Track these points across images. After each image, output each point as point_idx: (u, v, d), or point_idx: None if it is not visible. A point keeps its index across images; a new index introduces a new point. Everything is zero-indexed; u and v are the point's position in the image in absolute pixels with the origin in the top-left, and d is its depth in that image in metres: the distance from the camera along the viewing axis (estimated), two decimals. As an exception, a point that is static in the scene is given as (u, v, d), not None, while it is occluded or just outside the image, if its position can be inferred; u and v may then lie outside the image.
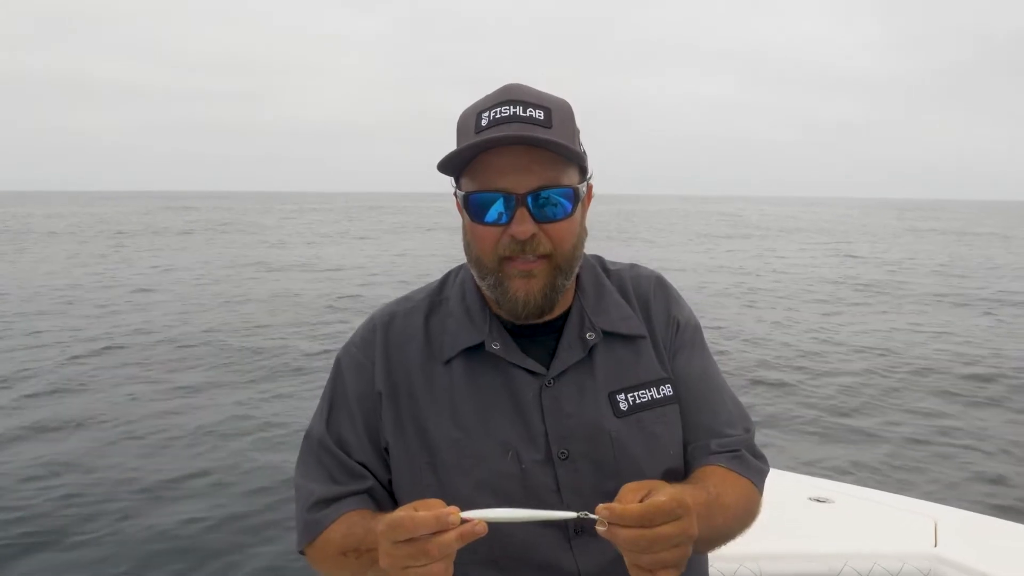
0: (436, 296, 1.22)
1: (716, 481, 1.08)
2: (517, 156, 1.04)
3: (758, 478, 1.16)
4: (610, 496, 0.95)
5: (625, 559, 0.88)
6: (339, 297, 13.93)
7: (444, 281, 1.25)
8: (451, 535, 0.85)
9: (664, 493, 0.87)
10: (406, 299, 1.24)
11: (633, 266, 1.28)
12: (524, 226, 1.04)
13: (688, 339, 1.22)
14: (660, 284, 1.25)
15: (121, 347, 9.54)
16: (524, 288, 1.08)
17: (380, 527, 0.89)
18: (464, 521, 0.86)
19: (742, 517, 1.12)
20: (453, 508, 0.86)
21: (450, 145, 1.09)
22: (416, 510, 0.88)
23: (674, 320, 1.21)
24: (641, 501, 0.88)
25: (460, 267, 1.25)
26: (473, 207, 1.07)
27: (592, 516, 0.88)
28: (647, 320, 1.20)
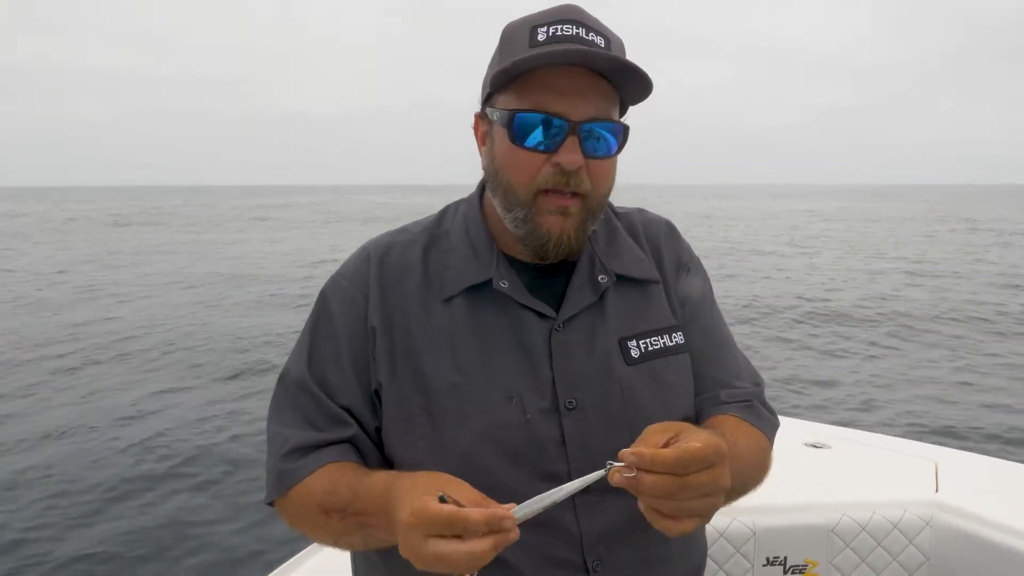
0: (435, 229, 1.12)
1: (729, 430, 1.03)
2: (576, 79, 0.95)
3: (770, 430, 1.12)
4: (617, 451, 0.86)
5: (642, 504, 0.81)
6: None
7: (443, 215, 1.15)
8: (487, 544, 0.77)
9: (698, 439, 0.80)
10: (402, 230, 1.14)
11: (642, 211, 1.21)
12: (574, 155, 0.95)
13: (698, 287, 1.16)
14: (671, 229, 1.19)
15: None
16: (559, 226, 0.99)
17: (404, 516, 0.81)
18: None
19: (756, 469, 1.07)
20: (507, 511, 0.78)
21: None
22: (443, 494, 0.80)
23: (684, 266, 1.16)
24: (667, 444, 0.81)
25: (459, 201, 1.16)
26: (518, 127, 0.96)
27: (615, 463, 0.80)
28: (658, 265, 1.14)
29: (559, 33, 0.96)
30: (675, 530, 0.81)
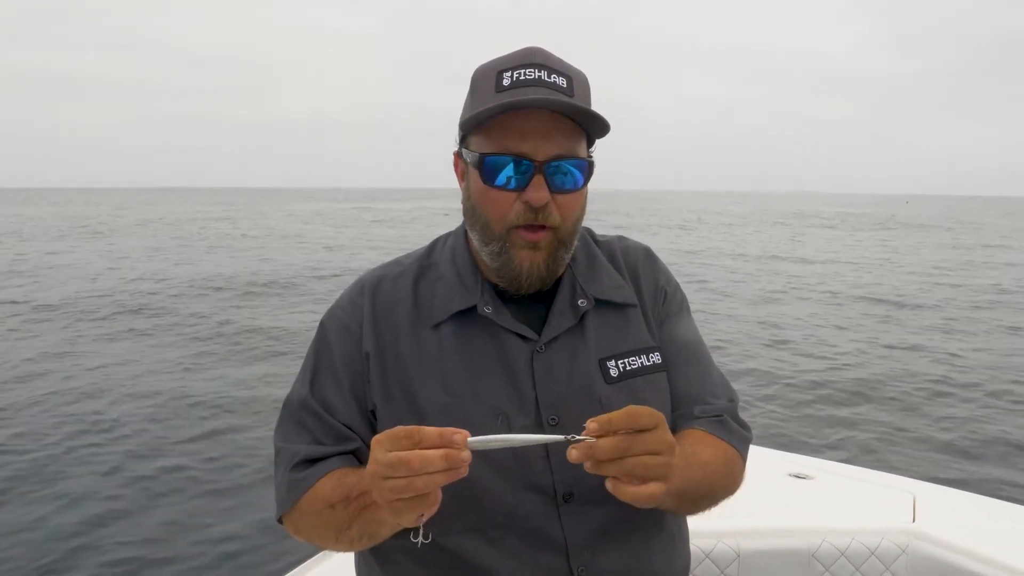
0: (425, 261, 1.20)
1: (692, 441, 1.09)
2: (540, 121, 1.03)
3: (740, 444, 1.17)
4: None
5: (607, 473, 0.86)
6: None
7: (432, 247, 1.23)
8: (437, 452, 0.83)
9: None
10: (394, 263, 1.22)
11: (621, 238, 1.29)
12: (540, 192, 1.03)
13: (675, 310, 1.23)
14: (648, 255, 1.26)
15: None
16: (529, 259, 1.07)
17: (379, 437, 0.87)
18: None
19: (722, 478, 1.11)
20: (460, 431, 0.85)
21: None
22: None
23: (662, 290, 1.22)
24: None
25: (448, 234, 1.23)
26: (488, 169, 1.05)
27: (579, 437, 0.87)
28: (636, 290, 1.20)
29: (523, 78, 1.03)
30: (643, 494, 0.86)
